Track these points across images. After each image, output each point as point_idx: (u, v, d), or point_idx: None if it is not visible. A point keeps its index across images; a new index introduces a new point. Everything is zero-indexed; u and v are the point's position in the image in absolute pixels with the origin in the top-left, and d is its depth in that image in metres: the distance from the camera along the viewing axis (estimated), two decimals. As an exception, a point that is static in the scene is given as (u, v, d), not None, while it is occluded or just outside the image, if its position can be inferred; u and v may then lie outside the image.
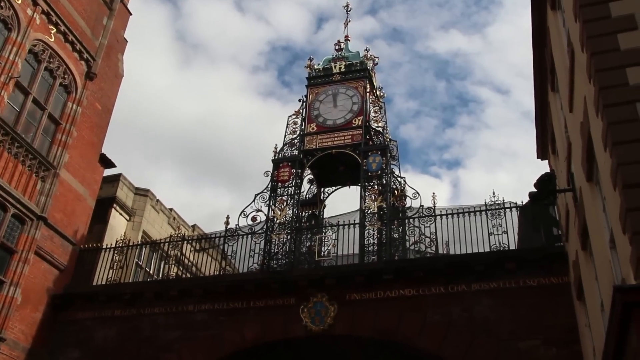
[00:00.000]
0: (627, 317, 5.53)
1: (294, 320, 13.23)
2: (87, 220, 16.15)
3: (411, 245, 14.03)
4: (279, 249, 14.54)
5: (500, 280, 12.50)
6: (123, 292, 14.69)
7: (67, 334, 14.63)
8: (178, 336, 13.90)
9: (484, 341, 12.01)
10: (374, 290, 13.09)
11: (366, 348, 13.63)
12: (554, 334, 11.67)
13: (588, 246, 8.98)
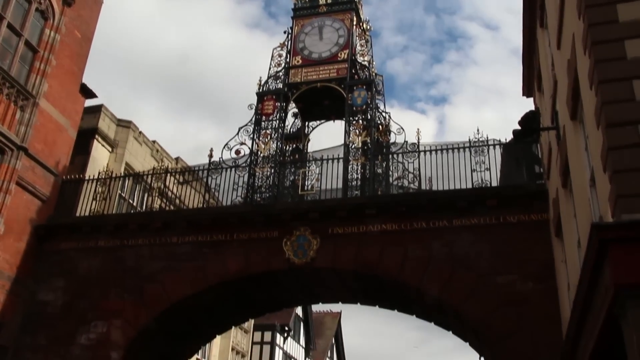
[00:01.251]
0: (603, 253, 5.64)
1: (277, 253, 13.39)
2: (68, 151, 15.99)
3: (394, 181, 14.10)
4: (262, 183, 14.56)
5: (481, 216, 12.68)
6: (107, 224, 14.73)
7: (51, 263, 14.74)
8: (162, 267, 14.05)
9: (463, 275, 12.28)
10: (357, 225, 13.24)
11: (347, 281, 13.90)
12: (531, 269, 11.96)
13: (568, 184, 9.08)
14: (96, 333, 13.75)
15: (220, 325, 16.29)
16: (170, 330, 14.26)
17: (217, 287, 13.75)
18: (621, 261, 5.46)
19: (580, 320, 7.43)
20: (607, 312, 5.86)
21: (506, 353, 11.61)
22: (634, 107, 5.88)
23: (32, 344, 13.97)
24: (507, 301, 11.85)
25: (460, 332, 13.99)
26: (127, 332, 13.63)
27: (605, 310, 5.88)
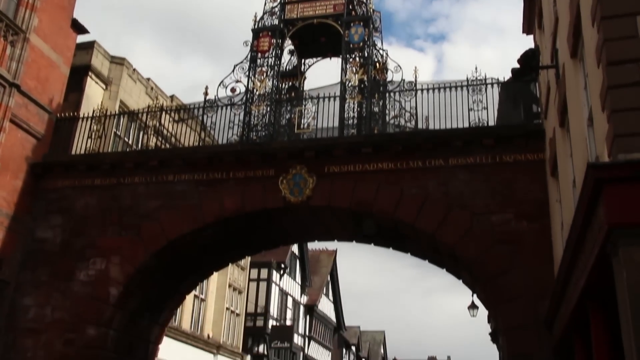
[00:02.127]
0: (597, 192, 5.66)
1: (273, 191, 13.44)
2: (62, 88, 15.79)
3: (391, 120, 14.02)
4: (258, 121, 14.46)
5: (477, 155, 12.67)
6: (102, 162, 14.71)
7: (48, 201, 14.80)
8: (158, 205, 14.12)
9: (458, 214, 12.37)
10: (353, 164, 13.24)
11: (343, 219, 14.01)
12: (526, 209, 12.05)
13: (566, 124, 9.03)
14: (95, 270, 13.94)
15: (217, 263, 16.52)
16: (168, 267, 14.46)
17: (213, 225, 13.85)
18: (615, 201, 5.48)
19: (572, 258, 7.53)
20: (599, 250, 5.93)
21: (498, 290, 11.83)
22: (636, 44, 5.77)
23: (32, 279, 14.18)
24: (501, 240, 11.99)
25: (454, 270, 14.22)
26: (126, 269, 13.81)
27: (598, 248, 5.95)
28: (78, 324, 13.50)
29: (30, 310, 13.90)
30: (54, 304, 13.86)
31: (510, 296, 11.63)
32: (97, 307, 13.59)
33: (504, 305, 11.75)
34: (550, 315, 10.47)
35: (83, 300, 13.69)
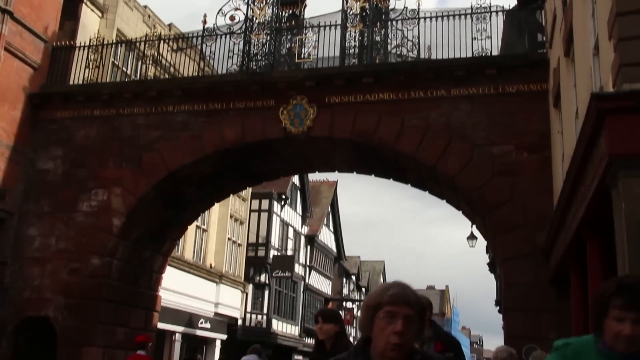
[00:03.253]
0: (600, 123, 5.60)
1: (273, 121, 13.36)
2: (56, 15, 15.42)
3: (393, 49, 13.75)
4: (258, 50, 14.22)
5: (480, 86, 12.52)
6: (101, 92, 14.56)
7: (48, 132, 14.75)
8: (158, 136, 14.07)
9: (459, 146, 12.34)
10: (354, 94, 13.10)
11: (343, 150, 13.98)
12: (527, 140, 12.00)
13: (571, 53, 8.86)
14: (97, 201, 14.05)
15: (218, 194, 16.61)
16: (170, 198, 14.55)
17: (214, 156, 13.86)
18: (617, 131, 5.44)
19: (572, 190, 7.55)
20: (599, 182, 5.93)
21: (498, 221, 11.94)
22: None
23: (36, 210, 14.32)
24: (502, 171, 12.01)
25: (454, 201, 14.30)
26: (127, 199, 13.91)
27: (598, 180, 5.95)
28: (82, 254, 13.72)
29: (35, 240, 14.10)
30: (58, 234, 14.05)
31: (509, 227, 11.75)
32: (100, 237, 13.77)
33: (503, 235, 11.89)
34: (548, 245, 10.61)
35: (86, 230, 13.86)
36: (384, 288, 2.23)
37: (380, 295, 2.21)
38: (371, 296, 2.24)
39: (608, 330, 2.43)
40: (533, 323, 11.14)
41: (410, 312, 2.17)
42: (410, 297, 2.20)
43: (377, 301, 2.19)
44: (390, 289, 2.20)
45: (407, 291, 2.22)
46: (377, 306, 2.19)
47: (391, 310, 2.16)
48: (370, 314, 2.20)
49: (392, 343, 2.13)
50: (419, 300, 2.21)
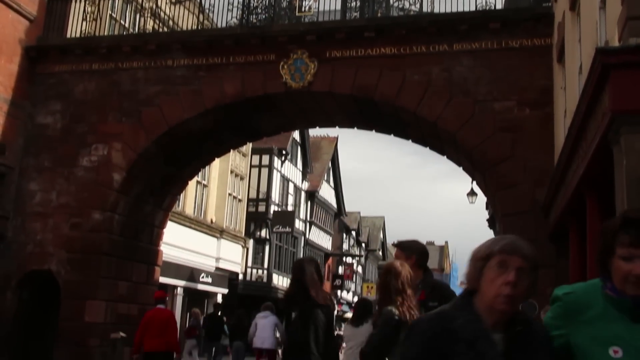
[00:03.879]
0: (604, 78, 5.54)
1: (273, 76, 13.24)
2: (52, -34, 15.11)
3: (395, 2, 13.52)
4: (258, 3, 13.97)
5: (483, 41, 12.35)
6: (99, 46, 14.37)
7: (46, 87, 14.63)
8: (158, 91, 13.96)
9: (460, 101, 12.25)
10: (355, 48, 12.94)
11: (344, 105, 13.89)
12: (529, 96, 11.91)
13: (577, 7, 8.71)
14: (97, 156, 14.03)
15: (218, 149, 16.58)
16: (170, 153, 14.53)
17: (214, 111, 13.77)
18: (621, 87, 5.38)
19: (573, 146, 7.52)
20: (600, 138, 5.90)
21: (498, 177, 11.94)
22: None
23: (36, 165, 14.32)
24: (503, 127, 11.95)
25: (454, 158, 14.28)
26: (128, 154, 13.89)
27: (600, 136, 5.91)
28: (83, 209, 13.78)
29: (36, 195, 14.15)
30: (59, 189, 14.08)
31: (509, 183, 11.76)
32: (101, 192, 13.80)
33: (503, 192, 11.91)
34: (548, 201, 10.64)
35: (87, 185, 13.89)
36: (496, 239, 2.12)
37: (491, 245, 2.08)
38: (481, 247, 2.10)
39: (615, 271, 2.12)
40: (531, 278, 11.25)
41: (523, 264, 2.02)
42: (524, 248, 2.06)
43: (487, 252, 2.06)
44: (503, 239, 2.09)
45: (520, 242, 2.08)
46: (487, 256, 2.05)
47: (503, 259, 2.02)
48: (479, 265, 2.06)
49: (503, 294, 1.99)
50: (532, 253, 2.06)
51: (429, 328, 2.04)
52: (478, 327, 2.00)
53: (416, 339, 2.07)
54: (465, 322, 2.01)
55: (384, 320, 3.80)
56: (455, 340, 1.97)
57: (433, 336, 2.00)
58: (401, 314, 3.79)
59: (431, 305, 4.00)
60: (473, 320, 2.01)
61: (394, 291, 3.87)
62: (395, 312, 3.78)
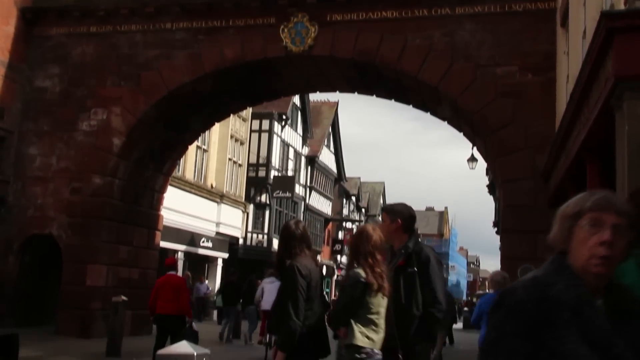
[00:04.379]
0: (608, 43, 5.46)
1: (273, 40, 13.09)
2: None
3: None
4: (258, -35, 13.72)
5: (485, 4, 12.19)
6: (97, 8, 14.18)
7: (44, 49, 14.49)
8: (157, 54, 13.83)
9: (462, 66, 12.14)
10: (356, 11, 12.77)
11: (345, 70, 13.77)
12: (532, 61, 11.79)
13: (582, -31, 8.55)
14: (97, 120, 13.97)
15: (218, 114, 16.50)
16: (170, 117, 14.46)
17: (213, 75, 13.66)
18: (625, 52, 5.31)
19: (575, 111, 7.47)
20: (603, 103, 5.85)
21: (499, 143, 11.91)
22: None
23: (35, 129, 14.27)
24: (505, 92, 11.87)
25: (455, 123, 14.22)
26: (127, 119, 13.83)
27: (602, 101, 5.86)
28: (83, 173, 13.78)
29: (36, 159, 14.14)
30: (59, 153, 14.07)
31: (509, 149, 11.74)
32: (101, 156, 13.79)
33: (503, 157, 11.89)
34: (548, 168, 10.62)
35: (87, 150, 13.86)
36: (586, 195, 1.89)
37: (581, 201, 1.86)
38: (569, 204, 1.89)
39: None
40: (530, 244, 11.31)
41: (619, 221, 1.79)
42: (619, 204, 1.84)
43: (577, 209, 1.84)
44: (594, 195, 1.86)
45: (614, 197, 1.87)
46: (577, 214, 1.83)
47: (596, 217, 1.80)
48: (567, 225, 1.85)
49: (598, 256, 1.77)
50: (629, 208, 1.85)
51: (526, 296, 1.78)
52: (581, 291, 1.78)
53: (512, 309, 1.80)
54: (565, 288, 1.78)
55: (351, 282, 3.79)
56: (557, 308, 1.74)
57: (532, 305, 1.76)
58: (368, 277, 3.78)
59: (410, 272, 4.03)
60: (574, 285, 1.79)
61: (363, 254, 3.87)
62: (362, 274, 3.77)
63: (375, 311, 3.78)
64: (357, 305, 3.73)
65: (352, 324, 3.68)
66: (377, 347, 3.73)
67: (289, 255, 4.16)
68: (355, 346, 3.63)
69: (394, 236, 4.24)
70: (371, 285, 3.76)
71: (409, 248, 4.16)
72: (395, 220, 4.23)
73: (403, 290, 4.03)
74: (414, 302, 4.01)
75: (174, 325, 8.82)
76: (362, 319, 3.72)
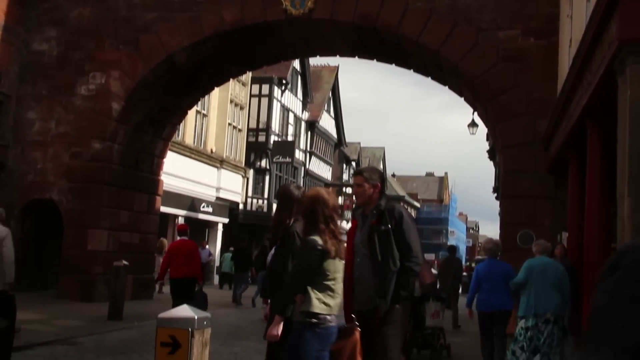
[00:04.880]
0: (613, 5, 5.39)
1: (273, 3, 12.91)
2: None
3: None
4: None
5: (489, -34, 11.98)
6: (93, -30, 13.95)
7: (40, 12, 14.30)
8: (156, 17, 13.65)
9: (464, 30, 12.00)
10: (357, -26, 12.55)
11: (346, 33, 13.61)
12: (534, 25, 11.65)
13: None
14: (95, 84, 13.87)
15: (218, 78, 16.37)
16: (169, 82, 14.34)
17: (213, 39, 13.51)
18: (630, 15, 5.24)
19: (577, 76, 7.41)
20: (606, 67, 5.79)
21: (500, 108, 11.85)
22: None
23: (33, 93, 14.18)
24: (506, 57, 11.76)
25: (456, 88, 14.12)
26: (126, 83, 13.73)
27: (605, 66, 5.81)
28: (83, 138, 13.73)
29: (35, 124, 14.08)
30: (58, 118, 14.00)
31: (510, 114, 11.68)
32: (100, 121, 13.72)
33: (504, 123, 11.84)
34: (549, 133, 10.58)
35: (86, 114, 13.79)
36: None
37: None
38: None
39: None
40: (529, 210, 11.36)
41: None
42: None
43: None
44: None
45: None
46: None
47: None
48: None
49: None
50: None
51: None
52: None
53: (632, 270, 1.59)
54: None
55: (308, 249, 3.70)
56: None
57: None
58: (327, 244, 3.71)
59: (383, 229, 4.06)
60: None
61: (321, 220, 3.77)
62: (319, 241, 3.69)
63: (332, 277, 3.74)
64: (314, 273, 3.68)
65: (309, 291, 3.65)
66: (334, 312, 3.72)
67: (288, 216, 4.19)
68: (311, 313, 3.62)
69: (369, 200, 4.26)
70: (329, 252, 3.71)
71: (381, 206, 4.19)
72: (375, 184, 4.27)
73: (378, 248, 4.07)
74: (390, 258, 4.04)
75: (186, 287, 9.13)
76: (319, 285, 3.69)
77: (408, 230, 4.16)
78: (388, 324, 4.04)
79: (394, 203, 4.36)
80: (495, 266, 7.56)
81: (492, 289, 7.32)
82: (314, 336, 3.61)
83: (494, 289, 7.27)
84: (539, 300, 6.57)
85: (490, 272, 7.45)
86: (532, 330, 6.58)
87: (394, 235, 4.08)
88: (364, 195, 4.29)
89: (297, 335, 3.65)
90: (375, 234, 4.12)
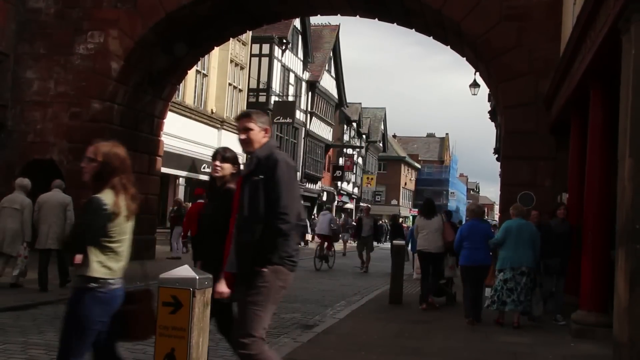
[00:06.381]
0: (619, -37, 5.28)
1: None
2: None
3: None
4: None
5: None
6: None
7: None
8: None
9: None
10: None
11: None
12: (539, -18, 11.45)
13: None
14: (94, 43, 13.71)
15: (218, 37, 16.17)
16: (168, 41, 14.18)
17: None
18: (636, -28, 5.13)
19: (581, 35, 7.31)
20: (610, 26, 5.71)
21: (502, 68, 11.74)
22: None
23: (31, 52, 14.03)
24: (509, 15, 11.60)
25: (458, 48, 13.96)
26: (125, 42, 13.57)
27: (609, 24, 5.73)
28: (82, 98, 13.65)
29: (34, 84, 13.97)
30: (56, 77, 13.89)
31: (513, 74, 11.58)
32: (99, 81, 13.61)
33: (506, 83, 11.75)
34: (551, 93, 10.51)
35: (85, 74, 13.68)
36: None
37: None
38: None
39: None
40: (530, 171, 11.36)
41: None
42: None
43: None
44: None
45: None
46: None
47: None
48: None
49: None
50: None
51: None
52: None
53: None
54: None
55: (93, 209, 3.43)
56: None
57: None
58: (116, 203, 3.50)
59: (254, 180, 3.66)
60: None
61: (114, 175, 3.59)
62: (105, 200, 3.45)
63: (118, 239, 3.50)
64: (99, 234, 3.40)
65: (89, 253, 3.37)
66: (116, 276, 3.45)
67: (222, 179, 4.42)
68: (90, 277, 3.34)
69: (255, 145, 3.79)
70: (117, 213, 3.48)
71: (257, 154, 3.74)
72: (265, 127, 3.80)
73: (246, 201, 3.66)
74: (255, 212, 3.61)
75: None
76: (101, 247, 3.41)
77: (280, 181, 3.58)
78: (250, 289, 3.57)
79: (274, 150, 3.79)
80: (477, 227, 8.36)
81: (473, 246, 8.17)
82: (94, 300, 3.33)
83: (475, 246, 8.16)
84: (515, 255, 7.84)
85: (472, 232, 8.26)
86: (510, 282, 7.82)
87: (265, 187, 3.60)
88: (253, 142, 3.77)
89: (75, 301, 3.36)
90: (246, 186, 3.70)
